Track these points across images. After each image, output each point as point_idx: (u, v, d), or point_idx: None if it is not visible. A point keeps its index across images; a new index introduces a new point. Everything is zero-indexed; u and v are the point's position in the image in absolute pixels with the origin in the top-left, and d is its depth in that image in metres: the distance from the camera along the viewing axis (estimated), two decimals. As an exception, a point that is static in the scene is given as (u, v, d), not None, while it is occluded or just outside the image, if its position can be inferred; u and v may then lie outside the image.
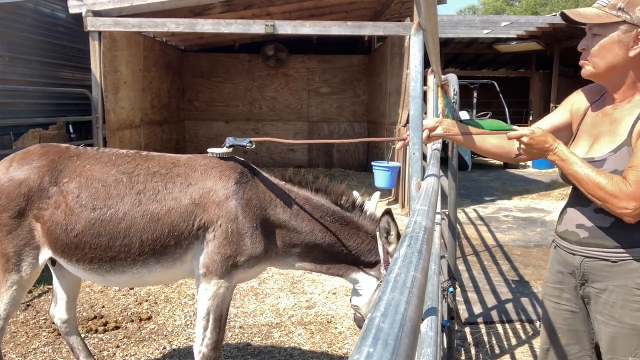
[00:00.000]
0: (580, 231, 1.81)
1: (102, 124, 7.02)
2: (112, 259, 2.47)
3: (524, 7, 42.60)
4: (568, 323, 1.92)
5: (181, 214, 2.45)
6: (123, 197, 2.45)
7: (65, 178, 2.50)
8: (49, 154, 2.57)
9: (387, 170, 7.81)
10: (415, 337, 0.59)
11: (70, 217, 2.44)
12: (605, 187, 1.60)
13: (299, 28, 7.05)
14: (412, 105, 1.52)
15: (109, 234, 2.43)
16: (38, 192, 2.48)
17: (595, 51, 1.70)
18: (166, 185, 2.49)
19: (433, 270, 1.75)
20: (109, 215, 2.43)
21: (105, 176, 2.50)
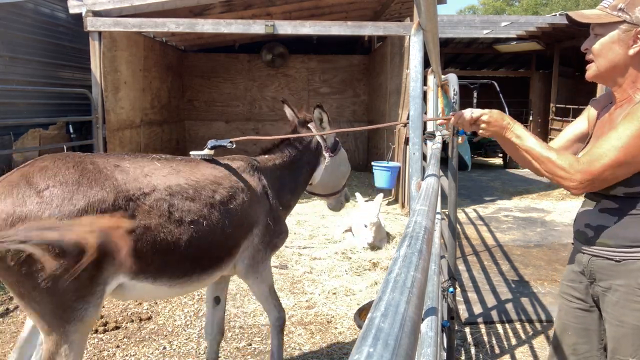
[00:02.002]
0: (587, 230, 1.84)
1: (102, 124, 7.02)
2: (204, 266, 2.37)
3: (524, 7, 42.60)
4: (579, 321, 1.94)
5: (243, 217, 2.52)
6: (210, 207, 2.34)
7: (137, 192, 2.13)
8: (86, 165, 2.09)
9: (387, 170, 7.81)
10: (415, 337, 0.59)
11: (168, 234, 2.17)
12: (556, 162, 1.68)
13: (299, 28, 7.05)
14: (412, 105, 1.52)
15: (207, 244, 2.31)
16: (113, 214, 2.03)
17: (597, 50, 1.74)
18: (229, 193, 2.47)
19: (433, 270, 1.75)
20: (206, 225, 2.30)
21: (177, 188, 2.27)
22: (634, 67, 1.72)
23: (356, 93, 12.56)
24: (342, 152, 3.27)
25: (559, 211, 8.25)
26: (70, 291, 1.93)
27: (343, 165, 3.27)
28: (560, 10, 19.77)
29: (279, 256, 5.46)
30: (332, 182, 3.23)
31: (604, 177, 1.64)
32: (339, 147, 3.25)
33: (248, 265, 2.64)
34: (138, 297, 2.43)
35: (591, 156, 1.65)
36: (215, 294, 2.93)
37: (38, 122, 6.97)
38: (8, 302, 4.27)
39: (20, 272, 1.87)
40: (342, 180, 3.30)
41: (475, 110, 1.89)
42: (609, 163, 1.62)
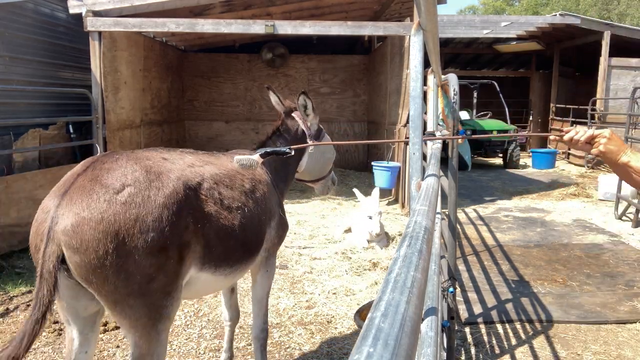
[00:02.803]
0: None
1: (102, 124, 7.01)
2: (249, 253, 2.45)
3: (524, 7, 42.57)
4: None
5: (267, 207, 2.65)
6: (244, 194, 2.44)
7: (193, 181, 2.17)
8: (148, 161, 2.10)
9: (387, 170, 7.81)
10: (415, 337, 0.59)
11: (225, 220, 2.22)
12: None
13: (299, 28, 7.04)
14: (412, 105, 1.52)
15: (250, 230, 2.39)
16: (185, 205, 2.04)
17: None
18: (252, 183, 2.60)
19: (433, 270, 1.75)
20: (248, 212, 2.39)
21: (218, 177, 2.33)
22: None
23: (356, 93, 12.56)
24: (326, 138, 3.32)
25: (559, 211, 8.25)
26: (160, 290, 1.94)
27: (328, 152, 3.32)
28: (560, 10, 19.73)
29: (279, 256, 5.46)
30: (318, 168, 3.29)
31: None
32: (323, 133, 3.29)
33: (264, 258, 2.77)
34: (195, 292, 2.38)
35: None
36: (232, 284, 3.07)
37: (38, 122, 6.97)
38: (8, 302, 4.27)
39: (117, 279, 1.84)
40: (327, 166, 3.35)
41: (589, 129, 1.84)
42: None
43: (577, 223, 7.44)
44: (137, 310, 1.93)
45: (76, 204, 1.83)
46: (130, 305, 1.91)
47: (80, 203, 1.83)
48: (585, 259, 5.66)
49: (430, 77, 3.53)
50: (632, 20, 30.52)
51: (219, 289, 2.69)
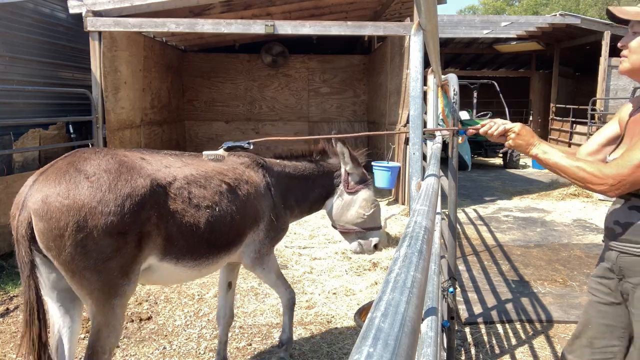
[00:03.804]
0: (616, 227, 1.87)
1: (102, 124, 7.01)
2: (216, 250, 2.59)
3: (524, 7, 42.59)
4: (601, 316, 1.97)
5: (248, 206, 2.74)
6: (219, 194, 2.58)
7: (163, 181, 2.36)
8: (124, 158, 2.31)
9: (387, 170, 7.81)
10: (415, 337, 0.59)
11: (191, 217, 2.41)
12: (586, 169, 1.74)
13: (299, 28, 7.04)
14: (412, 105, 1.52)
15: (219, 228, 2.55)
16: (150, 199, 2.24)
17: (634, 47, 1.77)
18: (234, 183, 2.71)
19: (433, 270, 1.75)
20: (218, 211, 2.54)
21: (192, 177, 2.51)
22: None
23: (356, 93, 12.56)
24: (363, 194, 3.21)
25: (559, 211, 8.25)
26: (116, 269, 2.15)
27: (360, 208, 3.20)
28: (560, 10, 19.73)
29: (279, 256, 5.46)
30: (343, 218, 3.23)
31: (634, 178, 1.67)
32: (362, 188, 3.22)
33: (254, 259, 2.89)
34: (160, 279, 2.55)
35: (621, 159, 1.70)
36: (229, 279, 3.19)
37: (38, 122, 6.97)
38: (8, 302, 4.27)
39: (75, 252, 2.07)
40: (355, 221, 3.22)
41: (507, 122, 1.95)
42: (637, 163, 1.65)
43: (577, 223, 7.44)
44: (92, 283, 2.14)
45: (49, 181, 2.11)
46: (87, 278, 2.12)
47: (53, 180, 2.11)
48: (585, 259, 5.66)
49: (430, 77, 3.53)
50: (632, 20, 30.46)
51: (187, 279, 2.78)
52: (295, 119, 12.50)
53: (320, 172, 3.21)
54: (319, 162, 3.24)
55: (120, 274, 2.17)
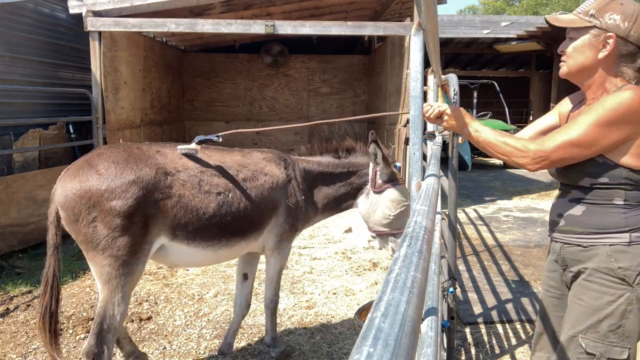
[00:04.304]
0: (559, 219, 1.97)
1: (102, 124, 7.01)
2: (229, 234, 2.79)
3: (524, 7, 42.60)
4: (556, 309, 2.06)
5: (265, 197, 2.92)
6: (233, 183, 2.81)
7: (173, 170, 2.65)
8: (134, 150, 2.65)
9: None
10: (415, 337, 0.59)
11: (199, 202, 2.65)
12: (511, 144, 1.84)
13: (299, 28, 7.04)
14: (412, 105, 1.52)
15: (231, 214, 2.76)
16: (155, 185, 2.54)
17: (570, 52, 1.88)
18: (253, 175, 2.92)
19: (433, 270, 1.75)
20: (231, 198, 2.77)
21: (206, 167, 2.78)
22: (602, 69, 1.83)
23: (356, 93, 12.56)
24: (389, 193, 3.13)
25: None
26: (125, 247, 2.44)
27: (386, 208, 3.12)
28: (560, 10, 19.78)
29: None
30: (371, 219, 3.19)
31: (557, 156, 1.77)
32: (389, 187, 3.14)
33: (276, 242, 3.07)
34: (177, 259, 2.79)
35: (547, 138, 1.80)
36: (244, 271, 3.33)
37: (38, 122, 6.97)
38: (8, 302, 4.27)
39: (88, 232, 2.44)
40: (382, 221, 3.15)
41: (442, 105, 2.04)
42: (562, 142, 1.75)
43: (577, 223, 7.43)
44: (104, 260, 2.45)
45: (68, 177, 2.52)
46: (99, 256, 2.46)
47: (70, 176, 2.51)
48: (585, 259, 5.66)
49: (430, 77, 3.53)
50: (632, 20, 30.47)
51: (204, 261, 2.95)
52: (295, 119, 12.49)
53: (345, 170, 3.22)
54: (345, 159, 3.25)
55: (129, 253, 2.45)
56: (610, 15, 1.77)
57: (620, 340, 1.76)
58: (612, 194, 1.79)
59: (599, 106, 1.73)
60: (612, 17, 1.76)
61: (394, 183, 3.16)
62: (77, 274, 4.89)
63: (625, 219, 1.77)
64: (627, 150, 1.74)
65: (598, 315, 1.79)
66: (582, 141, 1.73)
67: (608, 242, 1.79)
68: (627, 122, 1.70)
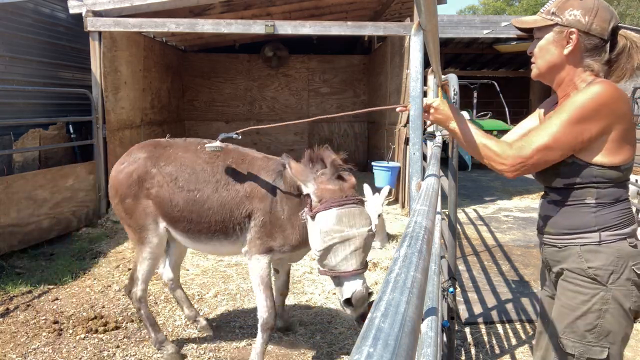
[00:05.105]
0: (540, 221, 1.99)
1: (102, 124, 7.01)
2: (199, 231, 3.02)
3: (524, 7, 42.60)
4: (549, 308, 2.06)
5: (237, 204, 2.95)
6: (207, 183, 2.97)
7: (162, 163, 3.08)
8: (146, 149, 3.21)
9: (387, 170, 7.81)
10: (415, 337, 0.59)
11: (172, 195, 3.01)
12: (492, 147, 1.81)
13: (299, 28, 7.05)
14: (412, 105, 1.52)
15: (197, 211, 2.97)
16: (144, 176, 3.08)
17: (536, 52, 1.90)
18: (233, 178, 2.98)
19: (433, 270, 1.75)
20: (199, 197, 2.97)
21: (192, 164, 3.04)
22: (569, 65, 1.84)
23: (356, 93, 12.56)
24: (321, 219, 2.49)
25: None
26: (137, 221, 3.15)
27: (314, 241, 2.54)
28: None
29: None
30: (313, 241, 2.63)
31: (534, 161, 1.75)
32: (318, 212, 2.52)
33: (249, 253, 3.03)
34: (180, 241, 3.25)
35: (523, 142, 1.78)
36: (275, 267, 3.56)
37: (38, 122, 6.97)
38: (8, 302, 4.27)
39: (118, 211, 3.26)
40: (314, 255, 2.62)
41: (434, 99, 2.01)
42: (537, 147, 1.73)
43: (577, 223, 7.43)
44: (131, 232, 3.25)
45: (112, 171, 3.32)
46: (127, 228, 3.27)
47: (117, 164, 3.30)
48: (585, 259, 5.66)
49: (430, 77, 3.53)
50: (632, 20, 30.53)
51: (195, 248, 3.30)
52: (295, 119, 12.46)
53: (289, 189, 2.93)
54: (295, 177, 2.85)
55: (142, 228, 3.13)
56: (570, 11, 1.79)
57: (599, 340, 1.75)
58: (583, 194, 1.79)
59: (569, 105, 1.73)
60: (573, 12, 1.79)
61: (325, 205, 2.49)
62: (77, 274, 4.89)
63: (595, 218, 1.78)
64: (598, 147, 1.73)
65: (574, 315, 1.79)
66: (557, 142, 1.72)
67: (579, 243, 1.80)
68: (599, 117, 1.70)
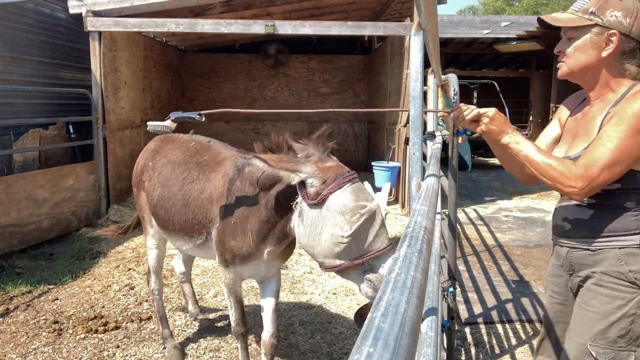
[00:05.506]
0: (565, 224, 1.91)
1: (102, 124, 7.01)
2: (172, 229, 2.91)
3: (524, 7, 42.61)
4: (560, 315, 2.02)
5: (198, 206, 2.70)
6: (176, 181, 2.85)
7: (157, 158, 3.10)
8: (157, 141, 3.29)
9: (387, 170, 7.81)
10: (415, 337, 0.59)
11: (153, 190, 3.03)
12: (557, 168, 1.70)
13: (299, 28, 7.04)
14: (412, 105, 1.52)
15: (167, 209, 2.89)
16: (143, 168, 3.19)
17: (570, 53, 1.81)
18: (199, 177, 2.75)
19: (433, 270, 1.75)
20: (167, 194, 2.89)
21: (175, 160, 2.97)
22: (606, 68, 1.78)
23: (356, 93, 12.56)
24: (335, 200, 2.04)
25: (559, 211, 8.24)
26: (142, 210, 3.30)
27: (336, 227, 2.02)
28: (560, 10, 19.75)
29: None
30: (315, 250, 2.12)
31: (602, 180, 1.67)
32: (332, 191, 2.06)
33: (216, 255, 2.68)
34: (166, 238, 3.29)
35: (587, 160, 1.68)
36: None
37: (38, 122, 6.96)
38: (8, 302, 4.27)
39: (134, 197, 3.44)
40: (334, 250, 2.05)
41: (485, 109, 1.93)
42: (604, 164, 1.66)
43: (577, 223, 7.43)
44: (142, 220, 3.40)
45: None
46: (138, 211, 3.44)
47: None
48: (585, 259, 5.66)
49: (430, 77, 3.53)
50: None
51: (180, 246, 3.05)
52: (295, 119, 12.49)
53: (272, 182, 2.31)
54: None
55: (143, 218, 3.31)
56: (611, 12, 1.72)
57: (628, 345, 1.73)
58: (624, 198, 1.74)
59: (624, 115, 1.65)
60: (614, 14, 1.71)
61: (338, 183, 2.07)
62: (77, 274, 4.89)
63: (636, 222, 1.73)
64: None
65: (608, 321, 1.74)
66: (623, 156, 1.65)
67: (618, 245, 1.75)
68: None
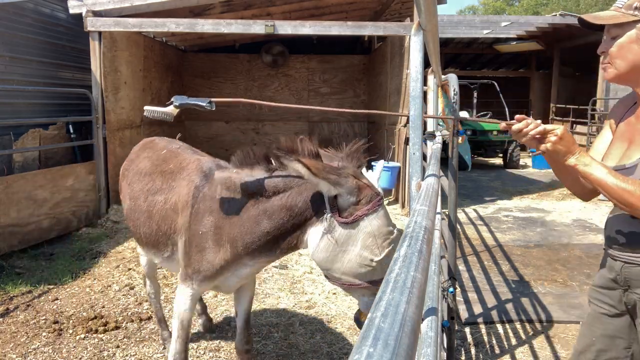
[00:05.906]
0: (619, 237, 1.78)
1: (102, 124, 7.01)
2: (141, 242, 2.84)
3: (524, 7, 42.62)
4: (605, 328, 1.89)
5: (162, 217, 2.56)
6: (141, 193, 2.75)
7: (131, 167, 3.04)
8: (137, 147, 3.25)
9: (387, 170, 7.81)
10: (415, 337, 0.59)
11: (124, 201, 3.00)
12: (635, 193, 1.54)
13: (299, 28, 7.04)
14: (412, 105, 1.52)
15: (134, 221, 2.80)
16: (124, 172, 3.11)
17: (615, 52, 1.68)
18: (162, 187, 2.63)
19: (433, 270, 1.75)
20: (134, 206, 2.81)
21: (142, 170, 2.87)
22: None
23: (356, 93, 12.56)
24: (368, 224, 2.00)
25: (559, 211, 8.25)
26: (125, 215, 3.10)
27: (366, 249, 2.00)
28: (560, 10, 19.75)
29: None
30: (335, 265, 2.06)
31: None
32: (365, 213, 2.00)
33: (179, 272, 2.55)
34: None
35: None
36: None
37: (38, 122, 6.96)
38: (8, 302, 4.27)
39: None
40: (357, 270, 2.03)
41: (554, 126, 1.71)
42: None
43: (577, 223, 7.44)
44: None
45: None
46: None
47: None
48: (585, 259, 5.66)
49: (430, 77, 3.53)
50: None
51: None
52: (295, 119, 12.49)
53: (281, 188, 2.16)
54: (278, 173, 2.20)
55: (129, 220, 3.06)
56: None
57: None
58: None
59: None
60: None
61: (374, 204, 2.01)
62: (77, 274, 4.89)
63: None
64: None
65: None
66: None
67: None
68: None
